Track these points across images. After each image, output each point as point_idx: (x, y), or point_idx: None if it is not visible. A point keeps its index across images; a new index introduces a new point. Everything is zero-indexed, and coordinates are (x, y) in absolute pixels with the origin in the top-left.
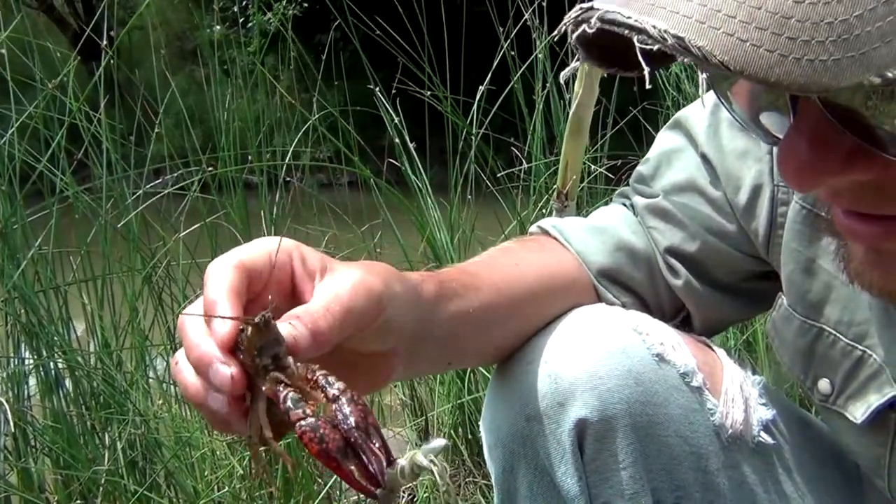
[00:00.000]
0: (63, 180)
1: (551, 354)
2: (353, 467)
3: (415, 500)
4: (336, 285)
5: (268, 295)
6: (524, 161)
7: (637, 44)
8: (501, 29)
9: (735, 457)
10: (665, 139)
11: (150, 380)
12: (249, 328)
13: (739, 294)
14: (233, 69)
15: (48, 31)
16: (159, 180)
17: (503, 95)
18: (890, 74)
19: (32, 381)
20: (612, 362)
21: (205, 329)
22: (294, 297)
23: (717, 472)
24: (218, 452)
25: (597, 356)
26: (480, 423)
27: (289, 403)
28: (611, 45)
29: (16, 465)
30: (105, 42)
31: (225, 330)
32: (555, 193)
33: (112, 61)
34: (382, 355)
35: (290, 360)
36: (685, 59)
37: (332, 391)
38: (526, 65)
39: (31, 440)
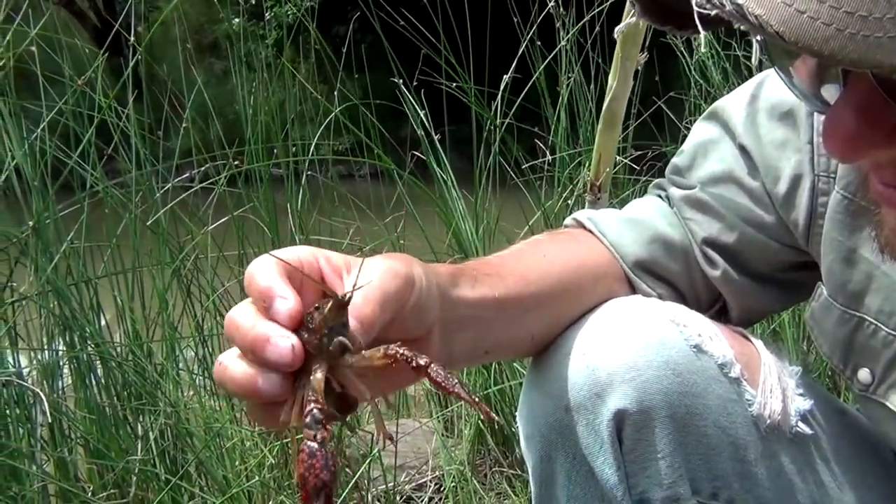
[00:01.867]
0: (93, 175)
1: (588, 345)
2: None
3: (441, 488)
4: (367, 275)
5: (306, 292)
6: (548, 152)
7: (695, 7)
8: (517, 19)
9: (773, 447)
10: (701, 130)
11: (181, 371)
12: (326, 307)
13: (777, 284)
14: (252, 61)
15: (68, 26)
16: (186, 175)
17: (528, 86)
18: None
19: (66, 372)
20: (650, 353)
21: (257, 314)
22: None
23: (756, 462)
24: (248, 443)
25: (634, 347)
26: (517, 414)
27: (308, 420)
28: (667, 4)
29: (52, 455)
30: (133, 38)
31: (289, 306)
32: (587, 186)
33: (140, 57)
34: (417, 342)
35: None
36: (742, 26)
37: (420, 361)
38: (552, 55)
39: (66, 430)
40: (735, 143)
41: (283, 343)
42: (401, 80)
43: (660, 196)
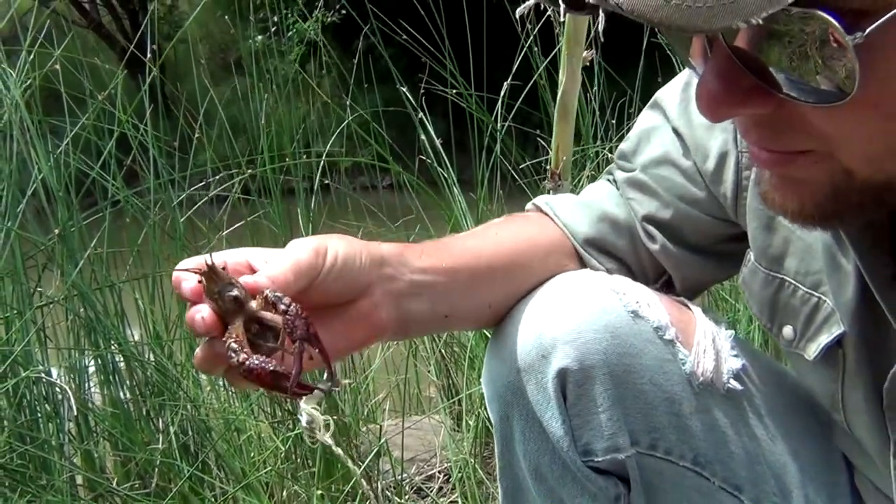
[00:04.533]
0: (114, 185)
1: (536, 313)
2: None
3: (449, 479)
4: (286, 253)
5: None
6: (549, 153)
7: None
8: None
9: (707, 402)
10: (645, 118)
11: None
12: (216, 287)
13: (712, 256)
14: (274, 78)
15: (98, 48)
16: (202, 183)
17: (526, 90)
18: (753, 21)
19: (91, 370)
20: (591, 318)
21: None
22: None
23: (690, 415)
24: (263, 435)
25: (577, 313)
26: (482, 380)
27: (230, 353)
28: None
29: (79, 448)
30: (149, 56)
31: (190, 286)
32: (548, 174)
33: (156, 75)
34: (358, 305)
35: (252, 301)
36: (591, 1)
37: (282, 305)
38: (548, 59)
39: (92, 425)
40: (670, 126)
41: (198, 316)
42: (404, 89)
43: (609, 180)
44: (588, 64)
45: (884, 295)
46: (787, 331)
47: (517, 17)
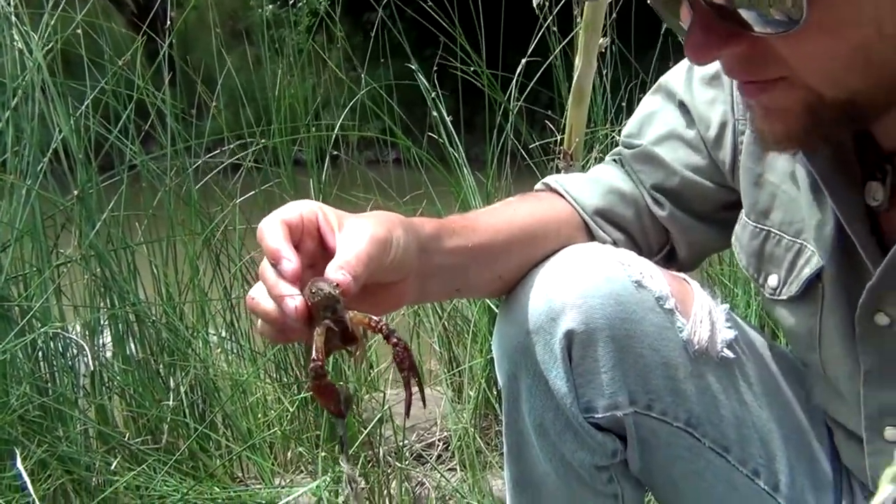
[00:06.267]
0: (132, 150)
1: (547, 281)
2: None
3: (449, 447)
4: (359, 239)
5: (306, 242)
6: (559, 133)
7: None
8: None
9: (701, 368)
10: (647, 103)
11: (210, 332)
12: (320, 296)
13: (714, 223)
14: (283, 48)
15: (105, 11)
16: (217, 151)
17: (540, 71)
18: None
19: (106, 328)
20: (597, 286)
21: (275, 274)
22: (322, 242)
23: (685, 380)
24: (269, 398)
25: (585, 281)
26: (492, 342)
27: (310, 372)
28: None
29: (93, 402)
30: (168, 24)
31: (292, 267)
32: (561, 153)
33: (173, 41)
34: (396, 285)
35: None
36: None
37: (393, 339)
38: (567, 40)
39: (105, 381)
40: (675, 102)
41: (291, 303)
42: (415, 69)
43: (615, 160)
44: (603, 51)
45: (853, 228)
46: (773, 279)
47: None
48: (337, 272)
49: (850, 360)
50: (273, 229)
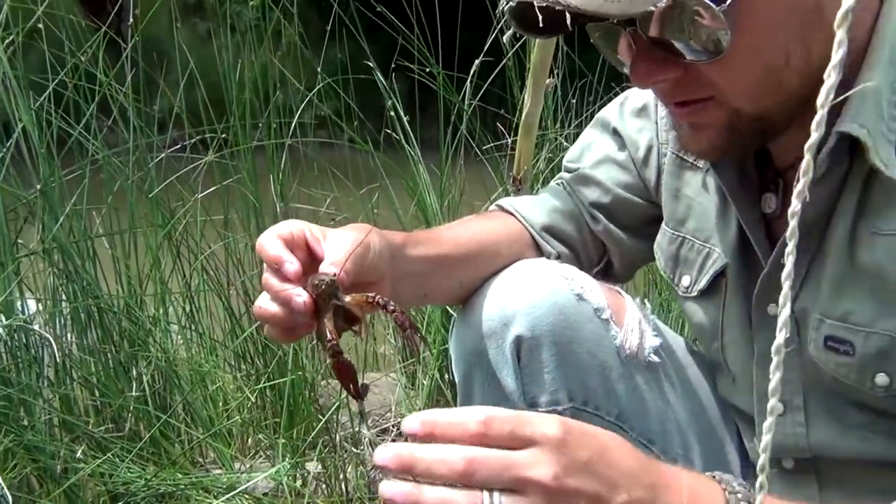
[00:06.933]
0: (94, 144)
1: (500, 291)
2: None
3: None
4: (343, 242)
5: (296, 254)
6: (512, 133)
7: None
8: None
9: (631, 371)
10: (587, 135)
11: (171, 322)
12: (324, 285)
13: (641, 236)
14: (237, 24)
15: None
16: (178, 145)
17: (496, 71)
18: (661, 4)
19: (69, 319)
20: (543, 297)
21: (278, 280)
22: (310, 254)
23: (617, 380)
24: (230, 387)
25: (532, 293)
26: (449, 343)
27: (329, 351)
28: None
29: (57, 392)
30: (130, 21)
31: (294, 269)
32: (511, 179)
33: (131, 27)
34: (374, 285)
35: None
36: (544, 4)
37: (391, 307)
38: (519, 44)
39: (69, 371)
40: (610, 131)
41: (299, 299)
42: (371, 65)
43: (558, 184)
44: (550, 90)
45: (752, 232)
46: (685, 280)
47: (505, 41)
48: (330, 267)
49: (746, 346)
50: (271, 242)
